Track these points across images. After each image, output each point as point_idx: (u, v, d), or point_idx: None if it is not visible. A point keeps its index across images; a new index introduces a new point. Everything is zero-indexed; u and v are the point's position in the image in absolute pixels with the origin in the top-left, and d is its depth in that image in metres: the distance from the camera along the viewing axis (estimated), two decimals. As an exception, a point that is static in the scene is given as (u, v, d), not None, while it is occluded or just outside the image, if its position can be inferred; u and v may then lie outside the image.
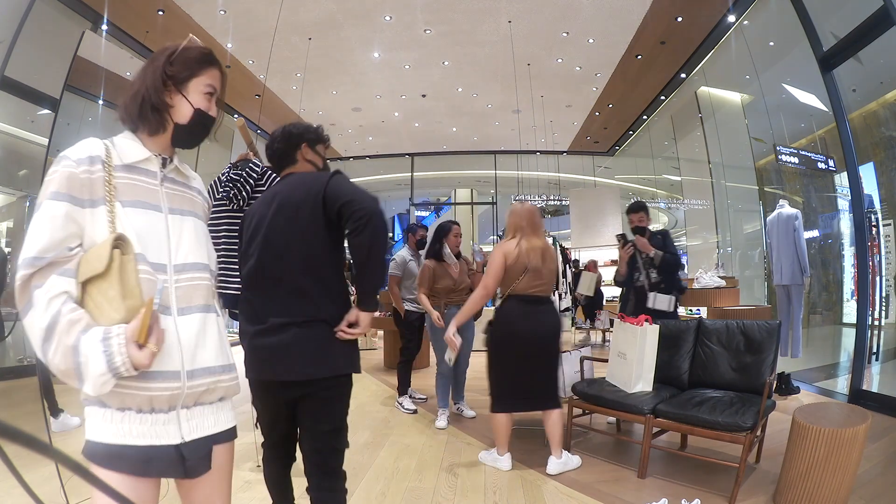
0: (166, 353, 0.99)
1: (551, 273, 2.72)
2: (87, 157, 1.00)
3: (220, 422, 1.21)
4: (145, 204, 1.03)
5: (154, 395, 0.98)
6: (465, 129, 11.34)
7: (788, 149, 5.09)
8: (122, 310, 0.92)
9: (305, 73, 7.86)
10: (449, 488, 2.53)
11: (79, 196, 0.96)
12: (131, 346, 0.90)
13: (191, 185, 1.17)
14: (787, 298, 4.88)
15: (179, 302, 1.05)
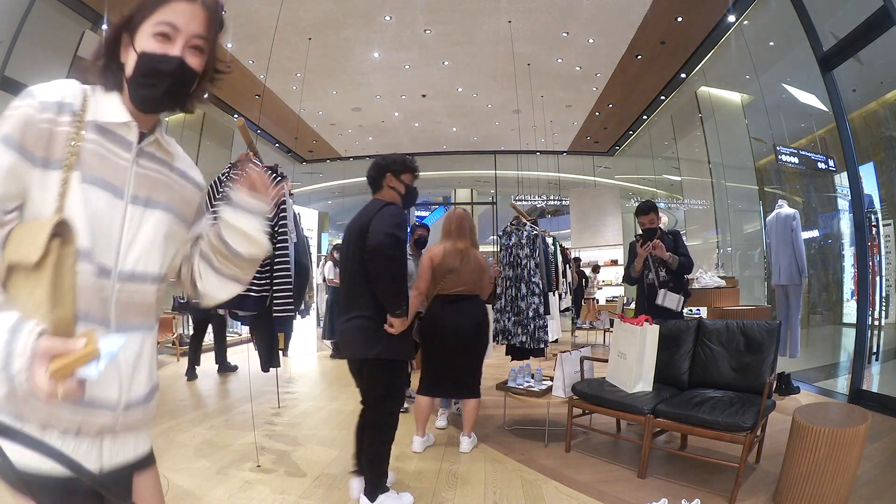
0: (104, 379, 0.75)
1: (472, 273, 2.89)
2: (55, 103, 0.78)
3: (140, 447, 0.94)
4: (107, 185, 0.81)
5: (83, 422, 0.80)
6: (465, 129, 11.34)
7: (788, 149, 5.09)
8: (46, 319, 0.69)
9: (305, 73, 7.85)
10: (449, 488, 2.53)
11: (31, 150, 0.76)
12: (39, 364, 0.64)
13: (173, 166, 0.94)
14: (786, 299, 4.88)
15: (118, 317, 0.82)
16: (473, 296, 2.95)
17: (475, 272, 2.92)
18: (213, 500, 2.37)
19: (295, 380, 5.29)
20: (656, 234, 3.53)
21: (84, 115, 0.81)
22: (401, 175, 2.26)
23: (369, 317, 2.14)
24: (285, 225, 2.59)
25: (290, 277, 2.58)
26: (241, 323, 3.07)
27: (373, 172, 2.30)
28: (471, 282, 2.91)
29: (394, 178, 2.26)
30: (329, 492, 2.47)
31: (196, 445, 3.11)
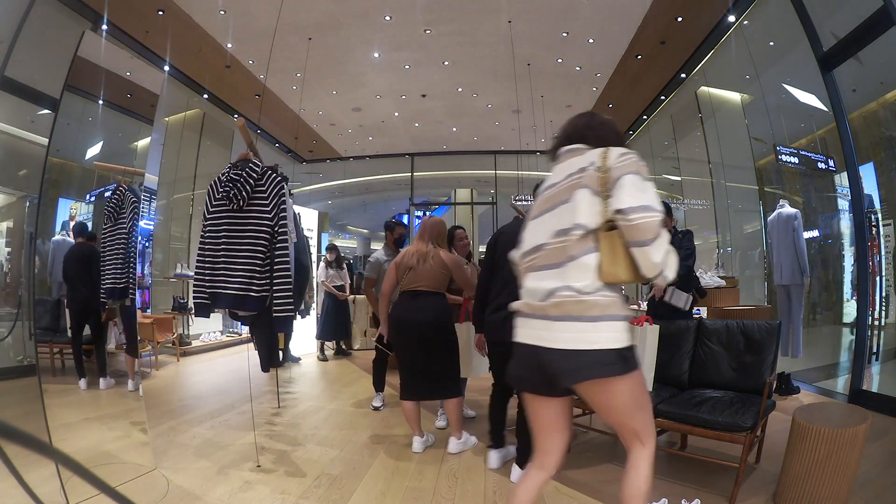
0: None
1: (432, 271, 2.99)
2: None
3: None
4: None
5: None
6: (465, 129, 11.33)
7: (788, 149, 5.09)
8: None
9: (305, 73, 7.85)
10: (449, 488, 2.53)
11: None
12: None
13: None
14: (787, 298, 4.88)
15: None
16: (433, 292, 3.01)
17: (435, 271, 3.00)
18: (213, 500, 2.37)
19: (295, 380, 5.29)
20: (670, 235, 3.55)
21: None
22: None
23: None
24: (285, 225, 2.59)
25: (290, 277, 2.58)
26: (241, 323, 3.07)
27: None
28: (430, 279, 2.99)
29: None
30: (329, 492, 2.47)
31: (196, 445, 3.11)
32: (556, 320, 1.33)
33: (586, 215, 1.33)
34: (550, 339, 1.33)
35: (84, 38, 4.50)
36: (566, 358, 1.30)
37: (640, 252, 1.27)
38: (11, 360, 4.24)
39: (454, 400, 3.02)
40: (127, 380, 3.43)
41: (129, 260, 3.03)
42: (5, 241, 4.25)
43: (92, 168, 3.66)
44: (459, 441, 3.04)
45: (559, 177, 1.48)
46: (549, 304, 1.34)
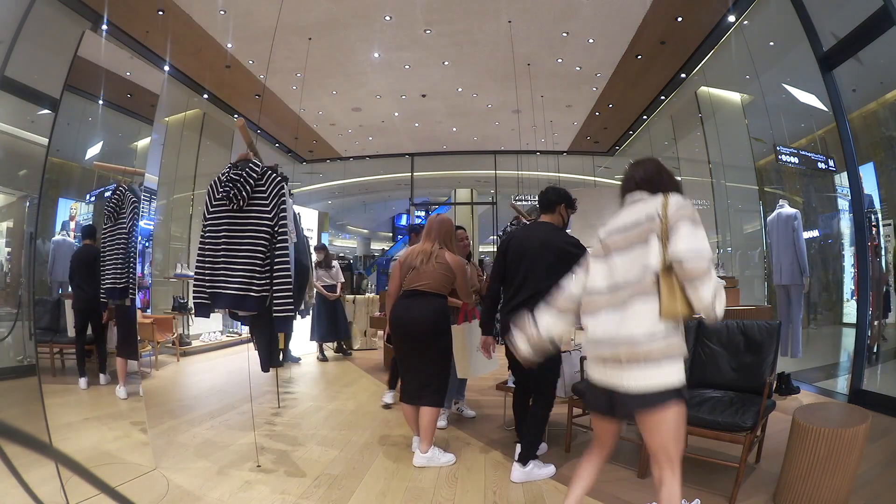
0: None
1: (435, 272, 2.90)
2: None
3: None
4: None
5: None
6: (465, 129, 11.34)
7: (788, 149, 5.09)
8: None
9: (305, 73, 7.85)
10: (449, 488, 2.53)
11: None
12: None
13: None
14: (787, 298, 4.88)
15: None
16: (433, 293, 2.90)
17: (438, 272, 2.90)
18: (213, 500, 2.37)
19: (295, 380, 5.29)
20: None
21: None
22: (569, 209, 2.87)
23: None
24: (285, 225, 2.59)
25: (290, 277, 2.58)
26: (241, 323, 3.07)
27: (553, 197, 2.84)
28: (432, 280, 2.90)
29: (565, 209, 2.85)
30: (329, 492, 2.47)
31: (196, 445, 3.12)
32: (627, 366, 1.53)
33: (654, 259, 1.54)
34: (623, 383, 1.54)
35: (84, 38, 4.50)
36: (636, 397, 1.53)
37: (692, 290, 1.48)
38: (11, 360, 4.24)
39: (429, 409, 2.84)
40: (130, 382, 3.42)
41: (129, 260, 3.03)
42: (5, 241, 4.25)
43: (92, 168, 3.66)
44: (424, 455, 2.81)
45: (627, 220, 1.69)
46: (621, 353, 1.54)
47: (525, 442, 2.67)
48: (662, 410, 1.51)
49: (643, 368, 1.50)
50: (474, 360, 3.21)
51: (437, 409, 2.86)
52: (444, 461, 2.84)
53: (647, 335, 1.50)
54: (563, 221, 2.86)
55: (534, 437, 2.67)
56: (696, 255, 1.46)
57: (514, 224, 4.28)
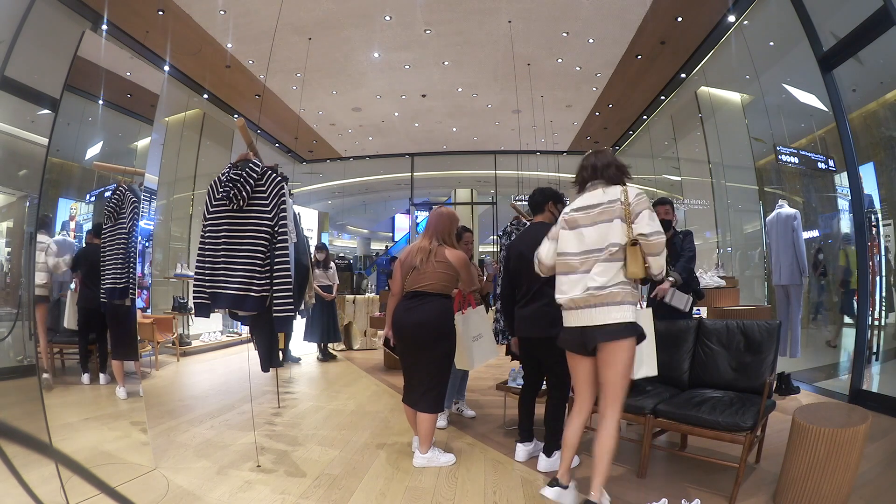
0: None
1: (435, 271, 2.81)
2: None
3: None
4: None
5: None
6: (465, 129, 11.34)
7: (788, 149, 5.09)
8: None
9: (305, 73, 7.85)
10: (449, 488, 2.53)
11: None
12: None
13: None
14: (787, 298, 4.88)
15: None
16: (435, 294, 2.81)
17: (438, 271, 2.80)
18: (213, 500, 2.37)
19: (295, 380, 5.29)
20: (670, 225, 3.61)
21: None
22: (557, 204, 2.89)
23: (549, 303, 2.54)
24: (285, 225, 2.59)
25: (290, 277, 2.58)
26: (241, 323, 3.07)
27: (539, 198, 2.93)
28: (432, 280, 2.80)
29: (553, 205, 2.89)
30: (329, 492, 2.47)
31: (196, 445, 3.11)
32: (594, 307, 2.05)
33: (619, 237, 2.05)
34: (591, 320, 2.05)
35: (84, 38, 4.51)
36: (601, 329, 2.04)
37: (653, 260, 2.05)
38: (11, 360, 4.24)
39: (426, 416, 2.79)
40: (130, 382, 3.43)
41: (129, 260, 3.03)
42: (5, 241, 4.25)
43: (92, 168, 3.66)
44: (423, 456, 2.81)
45: (589, 202, 2.17)
46: (589, 296, 2.05)
47: (547, 434, 2.76)
48: (621, 341, 2.02)
49: (607, 308, 2.02)
50: (472, 350, 3.19)
51: (434, 415, 2.82)
52: (443, 461, 2.82)
53: (610, 283, 2.03)
54: (555, 218, 2.86)
55: (555, 427, 2.73)
56: (658, 236, 2.02)
57: (514, 224, 4.28)
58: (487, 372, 5.27)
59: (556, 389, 2.79)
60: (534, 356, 2.90)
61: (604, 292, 2.02)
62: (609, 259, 2.05)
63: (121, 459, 2.74)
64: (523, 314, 2.80)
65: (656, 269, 2.05)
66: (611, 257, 2.05)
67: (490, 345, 3.30)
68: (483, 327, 3.28)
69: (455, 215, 3.00)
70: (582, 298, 2.07)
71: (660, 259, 2.04)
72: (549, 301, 2.61)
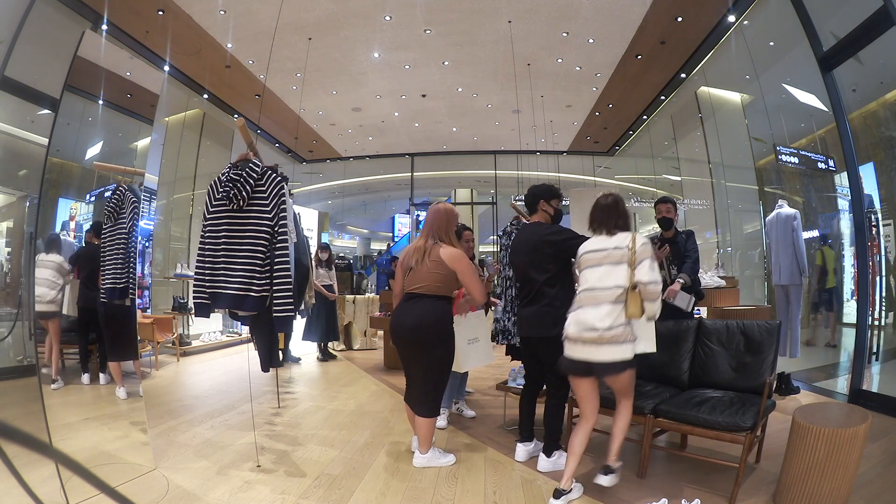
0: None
1: (428, 272, 2.71)
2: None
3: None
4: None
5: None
6: (465, 129, 11.34)
7: (788, 149, 5.09)
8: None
9: (305, 73, 7.85)
10: (449, 488, 2.53)
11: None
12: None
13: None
14: (786, 298, 4.87)
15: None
16: (429, 296, 2.72)
17: (432, 271, 2.70)
18: (213, 500, 2.37)
19: (295, 380, 5.29)
20: (671, 225, 3.62)
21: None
22: (550, 200, 2.84)
23: (549, 303, 2.66)
24: (285, 225, 2.59)
25: (290, 277, 2.58)
26: (241, 323, 3.07)
27: (531, 198, 2.87)
28: (426, 280, 2.71)
29: (546, 202, 2.84)
30: (329, 492, 2.47)
31: (196, 445, 3.12)
32: (600, 345, 2.25)
33: (624, 280, 2.25)
34: (597, 356, 2.27)
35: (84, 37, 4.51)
36: (604, 365, 2.26)
37: (649, 304, 2.24)
38: (11, 360, 4.24)
39: (424, 420, 2.76)
40: (130, 382, 3.42)
41: (129, 260, 3.03)
42: (5, 241, 4.25)
43: (92, 168, 3.66)
44: (423, 456, 2.79)
45: (599, 247, 2.38)
46: (597, 336, 2.24)
47: (547, 434, 2.79)
48: (623, 373, 2.29)
49: (611, 347, 2.23)
50: (466, 353, 3.17)
51: (433, 419, 2.79)
52: (443, 462, 2.81)
53: (616, 324, 2.22)
54: (550, 215, 2.88)
55: (555, 428, 2.78)
56: (655, 284, 2.23)
57: (514, 224, 4.28)
58: (487, 372, 5.27)
59: (557, 389, 2.79)
60: (535, 356, 2.91)
61: (609, 333, 2.23)
62: (615, 301, 2.25)
63: (121, 459, 2.74)
64: (524, 314, 2.81)
65: (650, 313, 2.25)
66: (617, 299, 2.24)
67: (486, 348, 3.27)
68: (480, 331, 3.26)
69: (453, 210, 2.87)
70: (590, 337, 2.27)
71: (654, 305, 2.24)
72: (550, 301, 2.69)
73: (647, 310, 2.23)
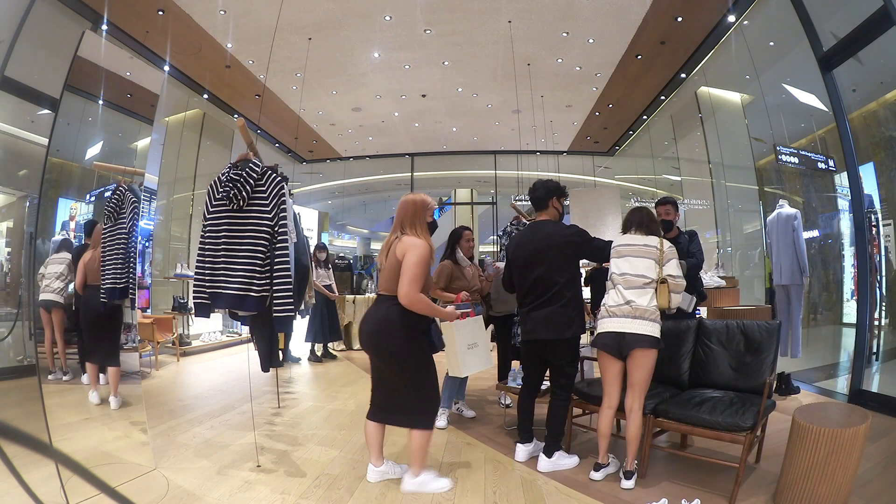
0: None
1: (390, 269, 2.40)
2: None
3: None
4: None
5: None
6: (465, 129, 11.33)
7: (788, 149, 5.08)
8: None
9: (305, 73, 7.85)
10: (449, 489, 2.53)
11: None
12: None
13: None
14: (787, 298, 4.87)
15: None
16: (387, 296, 2.43)
17: (391, 268, 2.39)
18: (213, 500, 2.37)
19: (295, 380, 5.29)
20: (672, 227, 3.61)
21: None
22: (560, 199, 2.91)
23: (566, 304, 2.72)
24: (285, 225, 2.59)
25: (291, 277, 2.58)
26: (241, 323, 3.07)
27: (542, 193, 2.87)
28: (385, 279, 2.44)
29: (557, 200, 2.90)
30: (329, 492, 2.47)
31: (196, 445, 3.12)
32: (633, 318, 2.52)
33: (653, 273, 2.57)
34: (632, 328, 2.51)
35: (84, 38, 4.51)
36: (636, 337, 2.49)
37: (674, 296, 2.55)
38: (11, 360, 4.24)
39: (419, 432, 2.46)
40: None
41: (129, 260, 3.03)
42: (5, 241, 4.25)
43: (92, 168, 3.66)
44: (413, 480, 2.48)
45: (634, 241, 2.68)
46: (630, 308, 2.53)
47: (548, 434, 2.78)
48: (650, 349, 2.49)
49: (643, 321, 2.49)
50: (466, 358, 3.14)
51: (427, 433, 2.47)
52: (437, 487, 2.48)
53: (648, 305, 2.52)
54: (559, 214, 2.94)
55: (557, 429, 2.78)
56: (681, 279, 2.58)
57: (514, 224, 4.28)
58: (488, 372, 5.27)
59: (563, 390, 2.79)
60: (540, 358, 2.89)
61: (641, 308, 2.51)
62: (644, 287, 2.55)
63: (121, 459, 2.74)
64: (537, 316, 2.76)
65: (675, 303, 2.56)
66: (645, 286, 2.55)
67: (484, 353, 3.22)
68: (479, 336, 3.19)
69: (423, 199, 2.52)
70: (623, 309, 2.54)
71: (678, 296, 2.56)
72: (567, 302, 2.74)
73: (672, 300, 2.54)
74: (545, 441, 2.79)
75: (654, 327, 2.50)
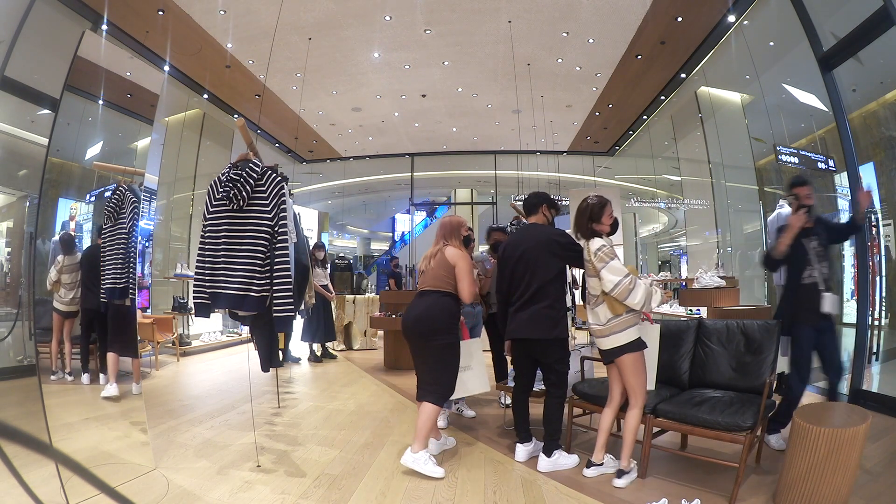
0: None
1: (434, 270, 2.97)
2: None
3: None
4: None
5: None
6: (465, 129, 11.34)
7: (788, 149, 5.08)
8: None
9: (305, 73, 7.86)
10: (449, 488, 2.53)
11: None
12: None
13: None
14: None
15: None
16: (436, 291, 2.93)
17: (436, 270, 2.96)
18: (213, 500, 2.37)
19: (295, 380, 5.29)
20: (810, 211, 2.90)
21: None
22: (550, 208, 3.02)
23: (550, 305, 2.77)
24: (285, 225, 2.59)
25: (290, 277, 2.58)
26: (241, 323, 3.07)
27: (534, 200, 3.02)
28: (432, 277, 2.97)
29: (547, 208, 3.01)
30: (329, 492, 2.47)
31: (196, 445, 3.12)
32: (601, 337, 2.60)
33: (597, 288, 2.58)
34: (602, 345, 2.61)
35: (84, 38, 4.51)
36: (609, 351, 2.58)
37: (627, 301, 2.48)
38: (11, 360, 4.24)
39: (427, 406, 2.79)
40: (131, 381, 3.41)
41: (129, 260, 3.03)
42: (5, 241, 4.25)
43: (92, 168, 3.66)
44: (413, 455, 2.69)
45: (586, 254, 2.66)
46: (599, 330, 2.61)
47: (546, 433, 2.79)
48: (627, 354, 2.53)
49: (610, 337, 2.55)
50: (471, 375, 3.16)
51: (435, 408, 2.79)
52: (431, 471, 2.64)
53: (606, 323, 2.56)
54: (549, 220, 3.02)
55: (554, 428, 2.79)
56: (616, 288, 2.47)
57: (514, 224, 4.28)
58: (487, 372, 5.27)
59: (557, 388, 2.81)
60: (530, 357, 2.91)
61: (604, 327, 2.57)
62: (597, 304, 2.61)
63: (121, 459, 2.74)
64: (521, 316, 2.81)
65: (636, 305, 2.48)
66: (598, 302, 2.60)
67: (480, 377, 3.20)
68: (474, 358, 3.21)
69: (460, 220, 3.14)
70: (593, 329, 2.65)
71: (631, 300, 2.46)
72: (551, 303, 2.77)
73: (630, 305, 2.49)
74: (543, 440, 2.80)
75: (621, 337, 2.53)
